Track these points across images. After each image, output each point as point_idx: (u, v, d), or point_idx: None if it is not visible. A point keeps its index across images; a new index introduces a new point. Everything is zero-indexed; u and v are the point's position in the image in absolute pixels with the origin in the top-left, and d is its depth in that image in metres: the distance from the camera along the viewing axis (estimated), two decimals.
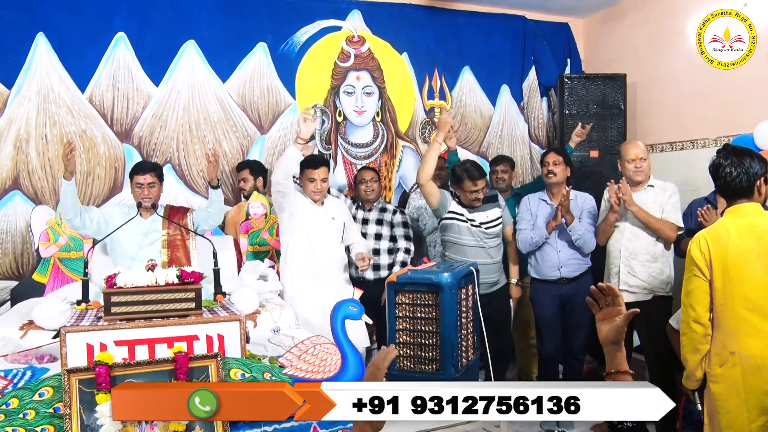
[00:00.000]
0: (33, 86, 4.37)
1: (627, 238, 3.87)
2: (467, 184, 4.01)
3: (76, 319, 2.59)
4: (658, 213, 3.81)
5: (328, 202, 4.03)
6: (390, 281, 3.14)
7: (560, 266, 4.07)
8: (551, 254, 4.09)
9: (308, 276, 3.89)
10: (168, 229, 3.65)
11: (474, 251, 4.03)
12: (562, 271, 4.07)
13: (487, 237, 4.07)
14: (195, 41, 4.76)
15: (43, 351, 2.81)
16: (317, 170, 3.88)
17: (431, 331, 3.08)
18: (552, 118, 5.89)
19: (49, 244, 3.95)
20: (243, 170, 4.62)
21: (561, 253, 4.07)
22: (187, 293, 2.58)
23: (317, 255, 3.89)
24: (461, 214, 4.06)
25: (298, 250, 3.90)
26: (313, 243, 3.89)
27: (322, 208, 3.96)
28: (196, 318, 2.54)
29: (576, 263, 4.08)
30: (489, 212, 4.10)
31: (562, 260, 4.06)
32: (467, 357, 3.27)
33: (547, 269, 4.11)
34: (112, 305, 2.48)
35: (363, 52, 5.31)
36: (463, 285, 3.22)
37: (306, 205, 3.91)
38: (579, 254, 4.06)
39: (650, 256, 3.82)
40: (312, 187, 3.88)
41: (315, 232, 3.90)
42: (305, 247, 3.89)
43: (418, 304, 3.10)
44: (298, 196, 3.91)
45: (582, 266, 4.10)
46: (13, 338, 2.98)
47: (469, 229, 4.04)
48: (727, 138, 4.44)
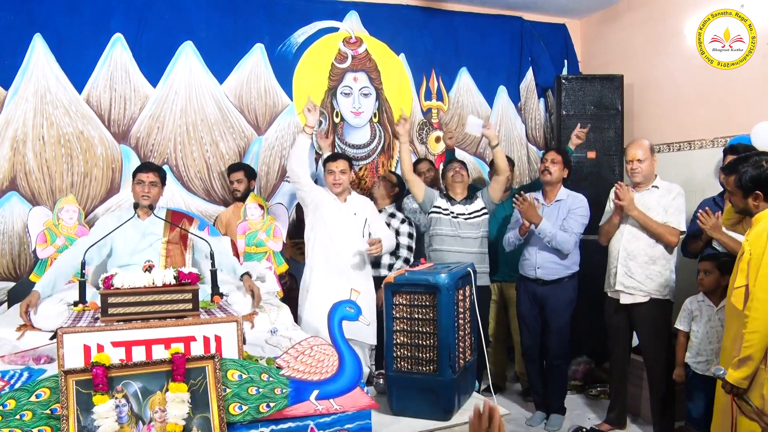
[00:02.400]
0: (30, 87, 4.36)
1: (626, 239, 3.86)
2: (446, 170, 4.50)
3: (73, 320, 2.58)
4: (661, 214, 3.79)
5: (351, 198, 4.16)
6: (387, 282, 3.14)
7: (536, 267, 4.13)
8: (529, 255, 4.17)
9: (330, 270, 3.99)
10: (168, 235, 3.61)
11: (450, 240, 4.31)
12: (538, 272, 4.12)
13: (465, 227, 4.30)
14: (192, 42, 4.76)
15: (40, 352, 2.81)
16: (335, 162, 4.07)
17: (428, 332, 3.08)
18: (549, 119, 5.90)
19: (46, 245, 3.95)
20: (237, 172, 4.62)
21: (538, 255, 4.12)
22: (184, 294, 2.58)
23: (338, 249, 4.00)
24: (444, 207, 4.35)
25: (320, 244, 4.05)
26: (334, 237, 4.01)
27: (344, 204, 4.10)
28: (194, 319, 2.54)
29: (554, 267, 4.09)
30: (469, 205, 4.37)
31: (538, 262, 4.12)
32: (465, 358, 3.27)
33: (526, 268, 4.20)
34: (110, 306, 2.48)
35: (360, 53, 5.31)
36: (461, 286, 3.22)
37: (329, 201, 4.07)
38: (558, 258, 4.07)
39: (649, 258, 3.81)
40: (331, 180, 4.06)
41: (336, 226, 4.02)
42: (327, 241, 4.02)
43: (415, 305, 3.10)
44: (321, 192, 4.10)
45: (561, 271, 4.10)
46: (10, 339, 2.98)
47: (450, 220, 4.32)
48: (724, 139, 4.45)
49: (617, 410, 4.14)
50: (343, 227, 4.03)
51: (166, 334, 2.46)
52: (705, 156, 4.62)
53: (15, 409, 2.18)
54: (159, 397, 2.31)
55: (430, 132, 5.54)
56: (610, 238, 3.97)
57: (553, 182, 4.16)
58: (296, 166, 4.01)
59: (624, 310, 3.92)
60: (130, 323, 2.46)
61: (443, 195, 4.43)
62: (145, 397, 2.30)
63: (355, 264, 4.04)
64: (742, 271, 2.78)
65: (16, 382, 2.40)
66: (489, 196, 4.38)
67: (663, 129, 5.11)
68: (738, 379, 2.69)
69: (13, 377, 2.44)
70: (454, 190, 4.39)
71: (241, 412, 2.41)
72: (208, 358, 2.40)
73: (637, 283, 3.81)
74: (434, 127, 5.56)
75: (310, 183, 4.10)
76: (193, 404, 2.33)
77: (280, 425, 2.47)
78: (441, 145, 5.52)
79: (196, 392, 2.35)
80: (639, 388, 4.28)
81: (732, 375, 2.70)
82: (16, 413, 2.18)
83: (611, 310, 4.02)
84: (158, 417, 2.29)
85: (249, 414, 2.42)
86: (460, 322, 3.20)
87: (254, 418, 2.43)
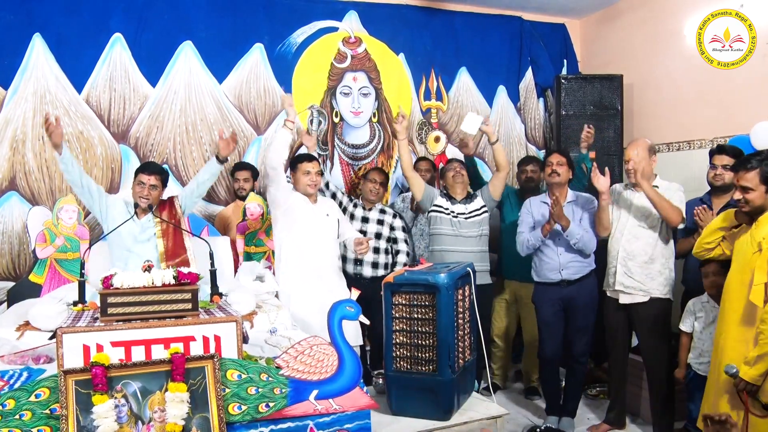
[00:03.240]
0: (30, 87, 4.37)
1: (626, 239, 3.85)
2: (445, 170, 4.52)
3: (73, 320, 2.58)
4: (656, 219, 3.77)
5: (320, 199, 4.08)
6: (387, 282, 3.14)
7: (561, 269, 4.03)
8: (552, 257, 4.06)
9: (306, 274, 3.89)
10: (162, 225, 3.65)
11: (451, 239, 4.29)
12: (563, 273, 4.03)
13: (466, 227, 4.29)
14: (192, 42, 4.77)
15: (40, 352, 2.81)
16: (311, 163, 3.96)
17: (428, 332, 3.07)
18: (548, 118, 5.90)
19: (46, 245, 3.94)
20: (244, 171, 4.62)
21: (561, 256, 4.02)
22: (183, 294, 2.57)
23: (315, 252, 3.90)
24: (445, 207, 4.34)
25: (294, 247, 3.90)
26: (310, 240, 3.90)
27: (316, 206, 3.99)
28: (193, 319, 2.54)
29: (577, 265, 4.04)
30: (469, 205, 4.37)
31: (563, 263, 4.03)
32: (464, 358, 3.27)
33: (548, 272, 4.08)
34: (109, 306, 2.48)
35: (360, 53, 5.31)
36: (460, 286, 3.21)
37: (301, 203, 3.93)
38: (580, 256, 4.03)
39: (648, 257, 3.80)
40: (307, 180, 3.92)
41: (311, 228, 3.91)
42: (302, 244, 3.89)
43: (414, 305, 3.09)
44: (292, 194, 3.94)
45: (584, 268, 4.06)
46: (10, 339, 2.98)
47: (450, 220, 4.31)
48: (723, 139, 4.45)
49: (617, 410, 4.13)
50: (318, 229, 3.93)
51: (166, 334, 2.45)
52: (704, 156, 4.60)
53: (14, 409, 2.18)
54: (158, 397, 2.30)
55: (430, 132, 5.54)
56: (608, 230, 3.90)
57: (562, 183, 4.10)
58: (276, 162, 3.82)
59: (623, 309, 3.92)
60: (129, 323, 2.45)
61: (443, 194, 4.42)
62: (144, 397, 2.30)
63: (331, 266, 3.99)
64: (760, 269, 2.76)
65: (16, 381, 2.39)
66: (489, 193, 4.38)
67: (662, 129, 5.11)
68: (754, 377, 2.68)
69: (13, 377, 2.44)
70: (454, 190, 4.39)
71: (241, 411, 2.40)
72: (208, 358, 2.40)
73: (636, 282, 3.81)
74: (433, 127, 5.56)
75: (286, 185, 3.95)
76: (192, 404, 2.32)
77: (280, 425, 2.46)
78: (440, 145, 5.53)
79: (196, 392, 2.34)
80: (638, 388, 4.28)
81: (748, 372, 2.69)
82: (15, 413, 2.18)
83: (610, 309, 4.01)
84: (157, 417, 2.29)
85: (248, 414, 2.41)
86: (460, 321, 3.20)
87: (253, 417, 2.42)
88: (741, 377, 2.70)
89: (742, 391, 2.72)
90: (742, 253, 2.97)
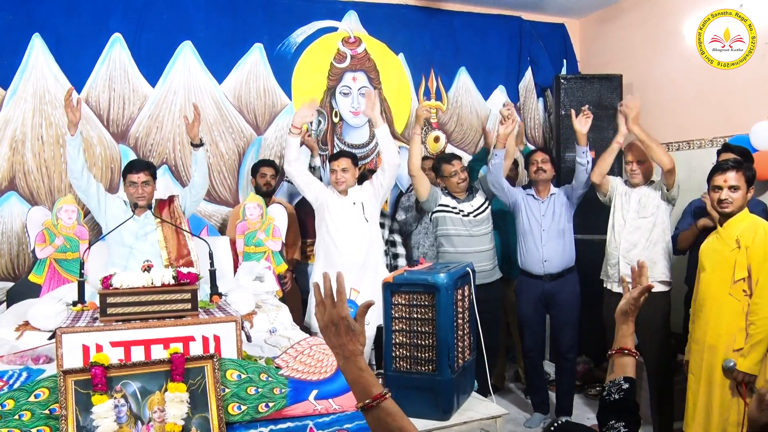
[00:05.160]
0: (29, 87, 4.36)
1: (628, 231, 3.86)
2: (445, 168, 4.32)
3: (72, 320, 2.58)
4: (655, 207, 3.81)
5: (351, 190, 4.12)
6: (386, 282, 3.14)
7: (543, 260, 4.09)
8: (534, 246, 4.13)
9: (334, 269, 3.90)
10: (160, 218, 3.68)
11: (464, 240, 4.21)
12: (545, 266, 4.09)
13: (476, 225, 4.24)
14: (191, 42, 4.76)
15: (39, 352, 2.81)
16: (337, 161, 4.06)
17: (427, 332, 3.07)
18: (548, 118, 5.90)
19: (45, 245, 3.94)
20: (268, 167, 4.63)
21: (545, 247, 4.09)
22: (183, 294, 2.58)
23: (340, 247, 3.98)
24: (452, 206, 4.26)
25: (323, 242, 4.06)
26: (336, 235, 4.00)
27: (346, 198, 4.08)
28: (193, 319, 2.54)
29: (560, 259, 4.10)
30: (473, 201, 4.31)
31: (545, 254, 4.08)
32: (464, 358, 3.27)
33: (531, 263, 4.15)
34: (108, 306, 2.48)
35: (359, 52, 5.31)
36: (460, 286, 3.22)
37: (333, 198, 4.05)
38: (563, 248, 4.09)
39: (648, 241, 3.82)
40: (333, 179, 4.08)
41: (339, 223, 4.01)
42: (331, 238, 4.01)
43: (414, 305, 3.10)
44: (324, 190, 4.08)
45: (566, 263, 4.13)
46: (9, 339, 2.98)
47: (461, 219, 4.23)
48: (723, 138, 4.45)
49: None
50: (346, 223, 4.00)
51: (165, 334, 2.46)
52: (704, 156, 4.61)
53: (14, 409, 2.18)
54: (158, 397, 2.31)
55: (429, 132, 5.54)
56: (602, 174, 4.00)
57: (548, 179, 4.25)
58: (294, 172, 4.02)
59: None
60: (128, 323, 2.45)
61: (447, 193, 4.35)
62: (144, 397, 2.30)
63: (363, 250, 4.01)
64: (740, 265, 2.84)
65: (15, 382, 2.39)
66: (487, 183, 4.36)
67: (662, 129, 5.10)
68: (751, 366, 2.76)
69: (12, 377, 2.44)
70: (456, 189, 4.35)
71: (240, 411, 2.41)
72: (207, 358, 2.40)
73: None
74: (433, 127, 5.55)
75: (307, 182, 4.05)
76: (192, 404, 2.33)
77: (279, 425, 2.46)
78: (440, 145, 5.53)
79: (195, 392, 2.35)
80: (638, 388, 4.28)
81: (743, 363, 2.76)
82: (15, 413, 2.18)
83: (611, 307, 4.00)
84: (157, 417, 2.29)
85: (248, 414, 2.41)
86: (459, 321, 3.20)
87: (253, 417, 2.42)
88: (738, 369, 2.76)
89: (741, 382, 2.78)
90: (716, 252, 3.08)
